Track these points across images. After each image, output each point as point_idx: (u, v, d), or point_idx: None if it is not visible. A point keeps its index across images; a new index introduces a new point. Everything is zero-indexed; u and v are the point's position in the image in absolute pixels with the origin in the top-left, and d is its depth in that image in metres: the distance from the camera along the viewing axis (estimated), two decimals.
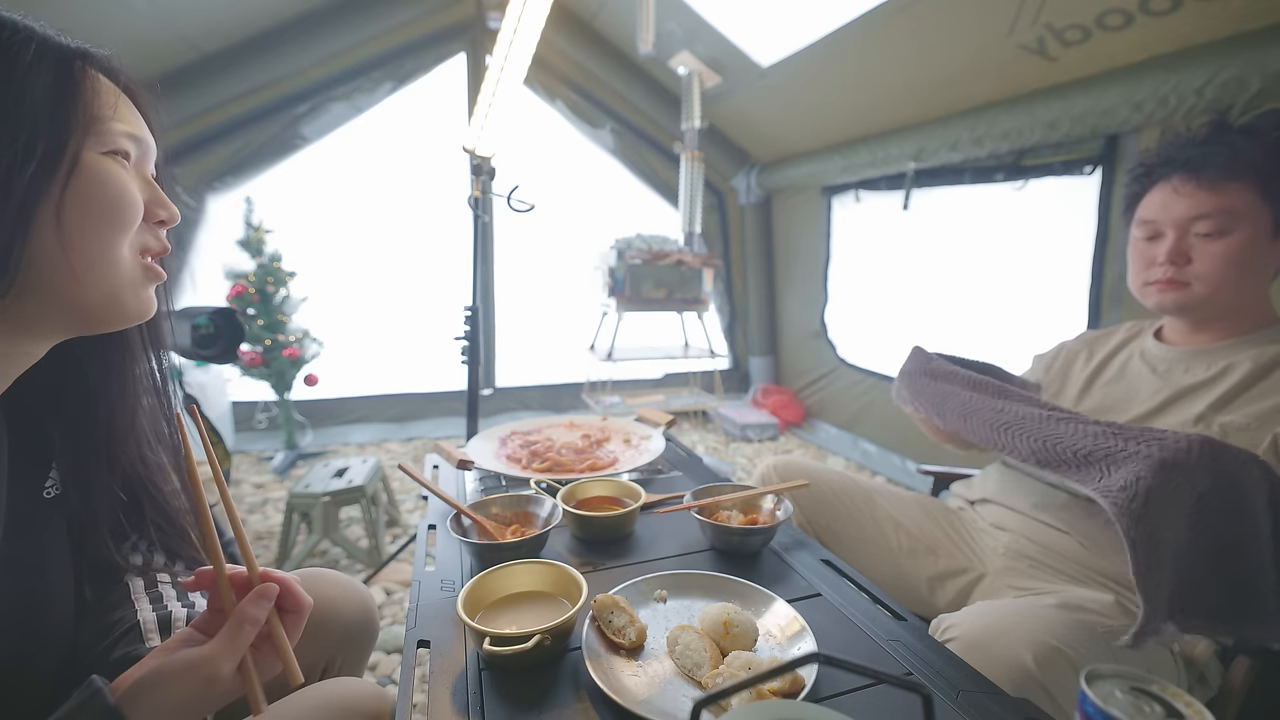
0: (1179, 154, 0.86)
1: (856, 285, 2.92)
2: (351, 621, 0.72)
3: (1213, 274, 0.84)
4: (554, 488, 0.94)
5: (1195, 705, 0.36)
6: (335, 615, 0.71)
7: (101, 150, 0.44)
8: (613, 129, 3.19)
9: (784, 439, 3.17)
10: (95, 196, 0.43)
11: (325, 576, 0.74)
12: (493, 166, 1.50)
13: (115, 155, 0.45)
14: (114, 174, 0.44)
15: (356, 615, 0.73)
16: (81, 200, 0.42)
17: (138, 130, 0.48)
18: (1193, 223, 0.84)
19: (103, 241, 0.44)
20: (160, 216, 0.50)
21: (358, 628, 0.74)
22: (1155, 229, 0.89)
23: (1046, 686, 0.62)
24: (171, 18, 2.10)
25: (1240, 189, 0.80)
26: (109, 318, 0.47)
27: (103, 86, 0.45)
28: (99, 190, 0.43)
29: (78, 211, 0.42)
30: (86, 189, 0.43)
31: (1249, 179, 0.80)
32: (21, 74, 0.41)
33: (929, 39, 1.89)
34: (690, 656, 0.56)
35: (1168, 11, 1.37)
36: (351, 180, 2.84)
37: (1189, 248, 0.85)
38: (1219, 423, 0.80)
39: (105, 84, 0.46)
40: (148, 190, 0.48)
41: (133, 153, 0.47)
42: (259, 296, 2.46)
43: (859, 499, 1.07)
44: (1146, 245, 0.90)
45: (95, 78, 0.45)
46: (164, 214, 0.50)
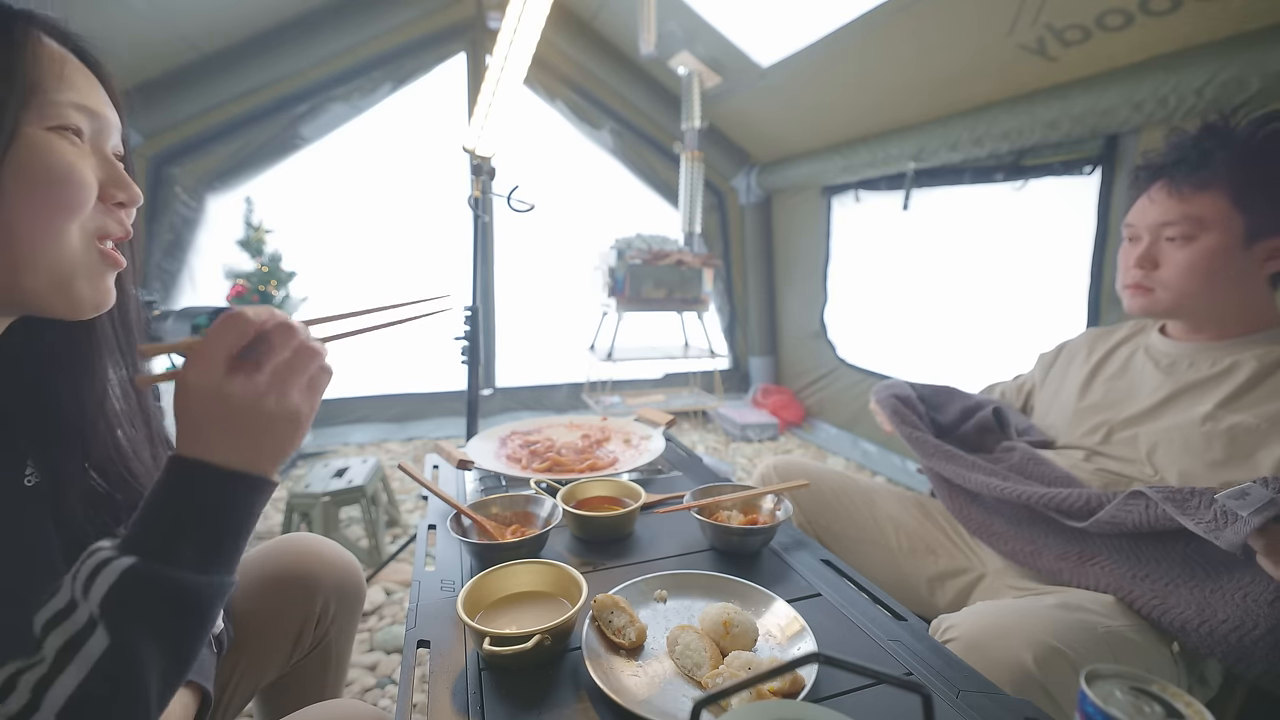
0: (1161, 161, 0.88)
1: (856, 285, 2.92)
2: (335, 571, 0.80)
3: (1174, 280, 0.85)
4: (554, 488, 0.94)
5: (1195, 705, 0.36)
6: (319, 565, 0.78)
7: (46, 125, 0.40)
8: (613, 129, 3.18)
9: (784, 439, 3.17)
10: (36, 176, 0.39)
11: (310, 537, 0.81)
12: (493, 166, 1.50)
13: (64, 130, 0.41)
14: (58, 150, 0.41)
15: (339, 566, 0.80)
16: (20, 179, 0.39)
17: (91, 102, 0.43)
18: (1163, 228, 0.86)
19: (46, 225, 0.40)
20: (119, 198, 0.46)
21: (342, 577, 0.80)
22: (1134, 232, 0.91)
23: (1046, 686, 0.62)
24: (171, 18, 2.09)
25: (1211, 198, 0.81)
26: (62, 307, 0.44)
27: (47, 52, 0.41)
28: (40, 169, 0.40)
29: (17, 191, 0.39)
30: (26, 167, 0.39)
31: (1220, 187, 0.81)
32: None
33: (929, 39, 1.89)
34: (690, 656, 0.56)
35: (1168, 11, 1.37)
36: (351, 180, 2.84)
37: (1158, 253, 0.87)
38: (1228, 422, 0.79)
39: (52, 49, 0.42)
40: (104, 169, 0.45)
41: (85, 128, 0.43)
42: (259, 296, 2.46)
43: (859, 499, 1.07)
44: (1128, 248, 0.92)
45: (39, 41, 0.41)
46: (123, 195, 0.46)
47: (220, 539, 0.40)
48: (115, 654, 0.34)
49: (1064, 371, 1.09)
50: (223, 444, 0.40)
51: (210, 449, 0.39)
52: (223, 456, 0.39)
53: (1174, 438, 0.84)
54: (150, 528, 0.38)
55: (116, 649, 0.34)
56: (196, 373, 0.39)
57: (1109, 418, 0.94)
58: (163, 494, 0.39)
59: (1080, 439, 0.97)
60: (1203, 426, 0.81)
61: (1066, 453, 0.98)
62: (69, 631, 0.35)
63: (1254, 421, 0.78)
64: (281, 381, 0.41)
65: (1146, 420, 0.89)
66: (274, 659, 0.76)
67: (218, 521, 0.39)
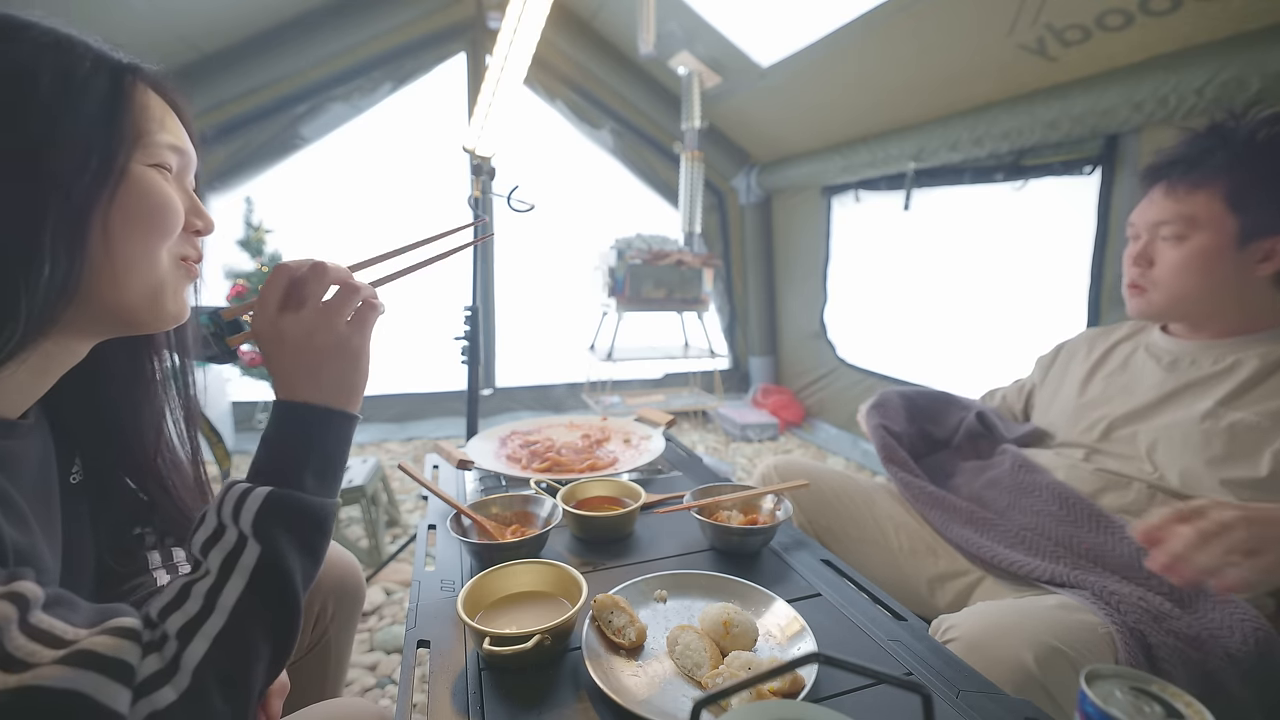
0: (1162, 160, 0.88)
1: (857, 285, 2.92)
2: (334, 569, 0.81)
3: (1166, 279, 0.86)
4: (554, 488, 0.94)
5: (1195, 705, 0.36)
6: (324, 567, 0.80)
7: (147, 162, 0.46)
8: (613, 129, 3.18)
9: (784, 439, 3.17)
10: (139, 206, 0.45)
11: None
12: (493, 166, 1.50)
13: (158, 167, 0.47)
14: (157, 185, 0.46)
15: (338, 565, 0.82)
16: (126, 210, 0.44)
17: (180, 142, 0.49)
18: (1159, 227, 0.86)
19: (144, 248, 0.46)
20: (197, 226, 0.52)
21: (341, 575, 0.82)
22: (1135, 231, 0.92)
23: (1047, 686, 0.62)
24: (171, 18, 2.10)
25: (1205, 197, 0.81)
26: (150, 321, 0.49)
27: (150, 100, 0.47)
28: (143, 200, 0.45)
29: (122, 220, 0.44)
30: (131, 199, 0.44)
31: (1215, 188, 0.81)
32: (78, 88, 0.42)
33: (929, 39, 1.89)
34: (690, 656, 0.56)
35: (1168, 11, 1.37)
36: (351, 180, 2.83)
37: (1154, 252, 0.88)
38: (1229, 420, 0.79)
39: (153, 98, 0.48)
40: (187, 200, 0.50)
41: (174, 164, 0.49)
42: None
43: (859, 499, 1.07)
44: (1131, 247, 0.93)
45: (144, 91, 0.47)
46: (201, 224, 0.52)
47: (325, 466, 0.48)
48: (267, 561, 0.42)
49: (1064, 370, 1.09)
50: (300, 382, 0.48)
51: (294, 389, 0.48)
52: (305, 394, 0.48)
53: (1174, 435, 0.84)
54: (273, 461, 0.47)
55: (267, 557, 0.42)
56: (256, 320, 0.48)
57: (1108, 414, 0.94)
58: (273, 432, 0.48)
59: (1079, 436, 0.97)
60: (1203, 424, 0.81)
61: (1065, 451, 0.98)
62: (226, 548, 0.42)
63: (1255, 419, 0.78)
64: (326, 317, 0.49)
65: (1146, 417, 0.89)
66: None
67: (319, 449, 0.48)
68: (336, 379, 0.49)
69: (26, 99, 0.40)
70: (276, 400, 0.49)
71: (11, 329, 0.40)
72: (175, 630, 0.38)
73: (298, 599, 0.44)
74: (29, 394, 0.46)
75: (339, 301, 0.50)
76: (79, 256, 0.42)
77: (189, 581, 0.41)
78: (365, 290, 0.52)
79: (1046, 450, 1.00)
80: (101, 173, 0.42)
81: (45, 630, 0.34)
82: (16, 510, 0.42)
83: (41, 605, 0.35)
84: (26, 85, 0.40)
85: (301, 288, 0.49)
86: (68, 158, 0.41)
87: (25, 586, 0.35)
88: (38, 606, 0.35)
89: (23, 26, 0.42)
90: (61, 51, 0.42)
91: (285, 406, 0.48)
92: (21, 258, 0.40)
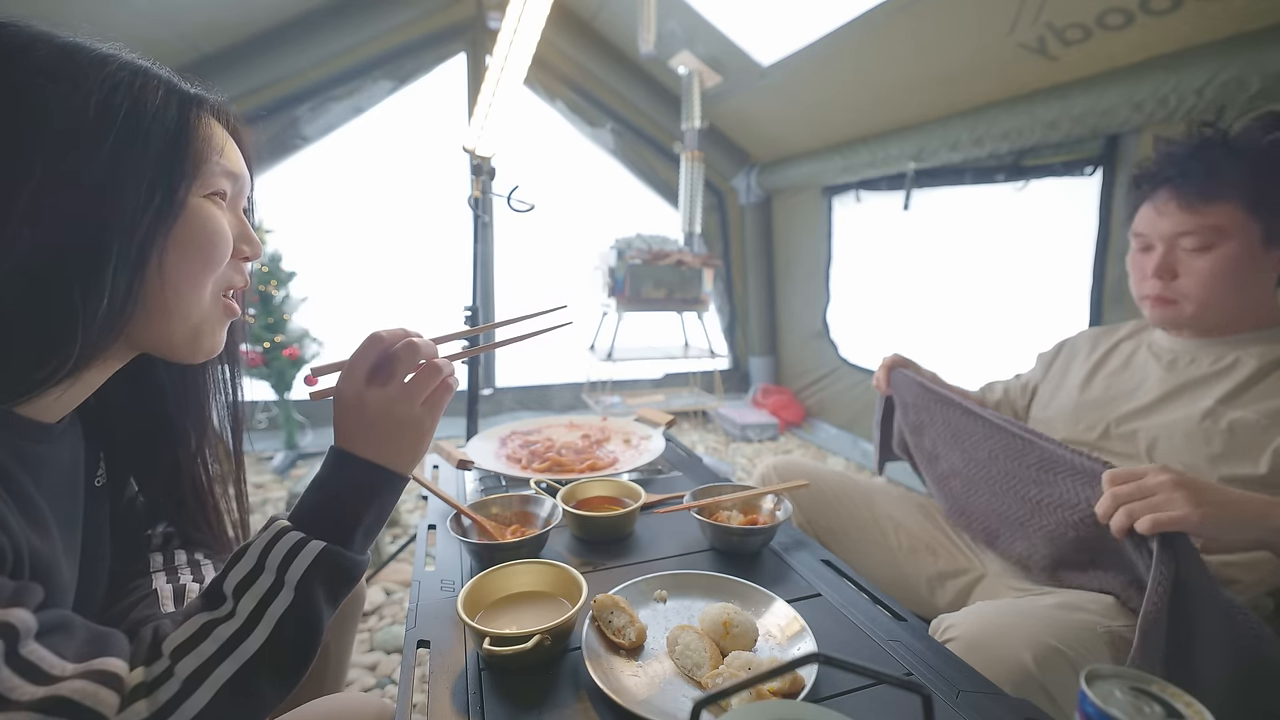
0: (1164, 170, 0.87)
1: (857, 285, 2.92)
2: None
3: (1197, 290, 0.85)
4: (554, 488, 0.94)
5: (1195, 705, 0.36)
6: None
7: (203, 193, 0.46)
8: (613, 129, 3.18)
9: (784, 439, 3.17)
10: (194, 238, 0.45)
11: None
12: (493, 166, 1.50)
13: (213, 195, 0.47)
14: (212, 217, 0.46)
15: None
16: (182, 243, 0.44)
17: (238, 168, 0.50)
18: (1179, 238, 0.85)
19: (194, 279, 0.46)
20: (246, 253, 0.52)
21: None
22: (1146, 241, 0.90)
23: (1046, 686, 0.62)
24: (172, 17, 2.09)
25: (1224, 208, 0.81)
26: (185, 352, 0.50)
27: (214, 131, 0.48)
28: (198, 232, 0.45)
29: (177, 251, 0.44)
30: (187, 231, 0.45)
31: (1232, 197, 0.80)
32: (149, 119, 0.42)
33: (929, 38, 1.89)
34: (690, 656, 0.56)
35: (1168, 11, 1.37)
36: (351, 180, 2.83)
37: (1175, 262, 0.86)
38: (1229, 419, 0.79)
39: (216, 128, 0.48)
40: (238, 226, 0.51)
41: (229, 190, 0.49)
42: (259, 297, 2.46)
43: (859, 499, 1.07)
44: (1142, 257, 0.91)
45: (208, 122, 0.47)
46: (249, 250, 0.52)
47: (375, 525, 0.49)
48: (300, 614, 0.42)
49: (1065, 367, 1.09)
50: (370, 444, 0.48)
51: (362, 447, 0.48)
52: (369, 452, 0.48)
53: (1174, 433, 0.84)
54: (331, 514, 0.47)
55: (300, 610, 0.42)
56: (344, 383, 0.49)
57: (1109, 413, 0.94)
58: (335, 482, 0.48)
59: (1080, 434, 0.97)
60: (1203, 422, 0.81)
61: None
62: (259, 593, 0.42)
63: (1254, 418, 0.78)
64: (408, 394, 0.49)
65: (1146, 415, 0.89)
66: None
67: (376, 508, 0.49)
68: (404, 448, 0.50)
69: (102, 133, 0.40)
70: (341, 451, 0.48)
71: (67, 354, 0.40)
72: (186, 674, 0.38)
73: (315, 650, 0.44)
74: (68, 403, 0.46)
75: (422, 380, 0.50)
76: (138, 289, 0.42)
77: (211, 620, 0.41)
78: (446, 369, 0.52)
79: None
80: (164, 208, 0.43)
81: (33, 664, 0.33)
82: (39, 516, 0.42)
83: (35, 634, 0.34)
84: (105, 121, 0.40)
85: (393, 363, 0.49)
86: (133, 191, 0.41)
87: (18, 616, 0.34)
88: (30, 636, 0.34)
89: (102, 61, 0.42)
90: (136, 85, 0.42)
91: (353, 461, 0.48)
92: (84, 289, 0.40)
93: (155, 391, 0.57)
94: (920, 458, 1.10)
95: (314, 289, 2.63)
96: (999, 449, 0.87)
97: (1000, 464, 0.87)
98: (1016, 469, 0.84)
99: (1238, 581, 0.77)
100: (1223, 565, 0.78)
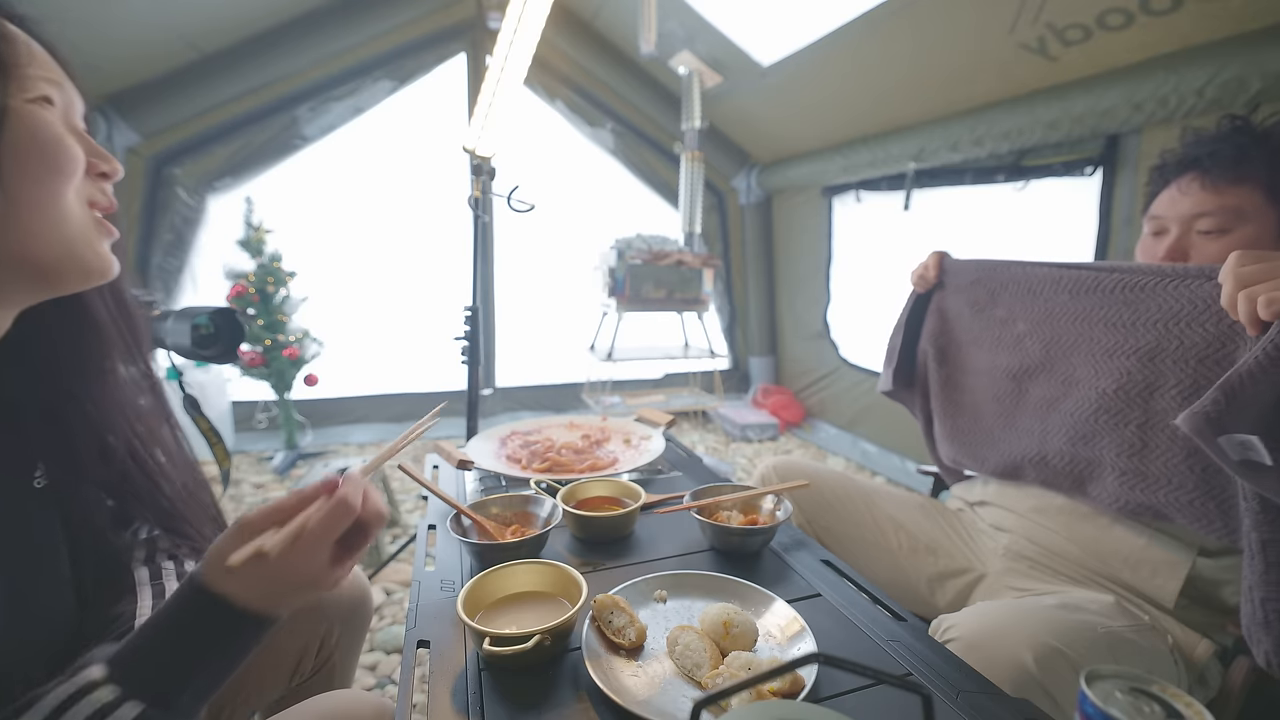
0: (1191, 153, 0.86)
1: (858, 285, 2.92)
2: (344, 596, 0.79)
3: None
4: (554, 488, 0.94)
5: (1195, 706, 0.36)
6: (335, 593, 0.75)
7: (26, 98, 0.42)
8: (613, 129, 3.19)
9: (784, 439, 3.17)
10: (30, 145, 0.41)
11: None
12: (493, 166, 1.50)
13: (39, 101, 0.43)
14: (46, 122, 0.43)
15: (349, 591, 0.80)
16: (16, 149, 0.41)
17: (55, 75, 0.45)
18: (1195, 220, 0.83)
19: (47, 190, 0.42)
20: (102, 168, 0.48)
21: (351, 603, 0.80)
22: (1161, 225, 0.88)
23: (1046, 687, 0.62)
24: (172, 17, 2.09)
25: (1247, 190, 0.80)
26: (69, 274, 0.45)
27: (10, 32, 0.43)
28: (32, 139, 0.42)
29: (15, 163, 0.41)
30: (19, 139, 0.41)
31: (1256, 181, 0.79)
32: None
33: (929, 38, 1.89)
34: (690, 657, 0.56)
35: (1168, 11, 1.37)
36: (351, 180, 2.84)
37: (1189, 245, 0.84)
38: None
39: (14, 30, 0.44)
40: (83, 141, 0.46)
41: (57, 100, 0.45)
42: (259, 296, 2.46)
43: (859, 499, 1.07)
44: (1152, 241, 0.90)
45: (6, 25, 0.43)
46: (106, 166, 0.48)
47: (217, 681, 0.42)
48: None
49: None
50: (257, 594, 0.41)
51: (241, 594, 0.40)
52: (250, 602, 0.41)
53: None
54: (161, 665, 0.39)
55: None
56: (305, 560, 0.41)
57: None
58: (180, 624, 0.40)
59: None
60: None
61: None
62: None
63: None
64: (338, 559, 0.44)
65: None
66: (273, 685, 0.75)
67: (220, 662, 0.41)
68: (295, 600, 0.43)
69: None
70: (204, 585, 0.40)
71: None
72: None
73: None
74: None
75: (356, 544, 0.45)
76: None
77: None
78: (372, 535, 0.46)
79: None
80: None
81: None
82: None
83: None
84: None
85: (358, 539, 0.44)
86: None
87: None
88: None
89: None
90: None
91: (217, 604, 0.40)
92: None
93: (58, 377, 0.51)
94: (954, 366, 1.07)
95: (314, 289, 2.63)
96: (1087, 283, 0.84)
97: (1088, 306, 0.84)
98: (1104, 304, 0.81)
99: (1234, 582, 0.77)
100: (1220, 569, 0.78)
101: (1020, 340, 0.95)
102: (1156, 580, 0.80)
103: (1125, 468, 0.80)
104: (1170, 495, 0.76)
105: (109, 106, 2.18)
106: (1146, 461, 0.78)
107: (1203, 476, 0.72)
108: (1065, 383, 0.88)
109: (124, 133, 2.26)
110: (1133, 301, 0.78)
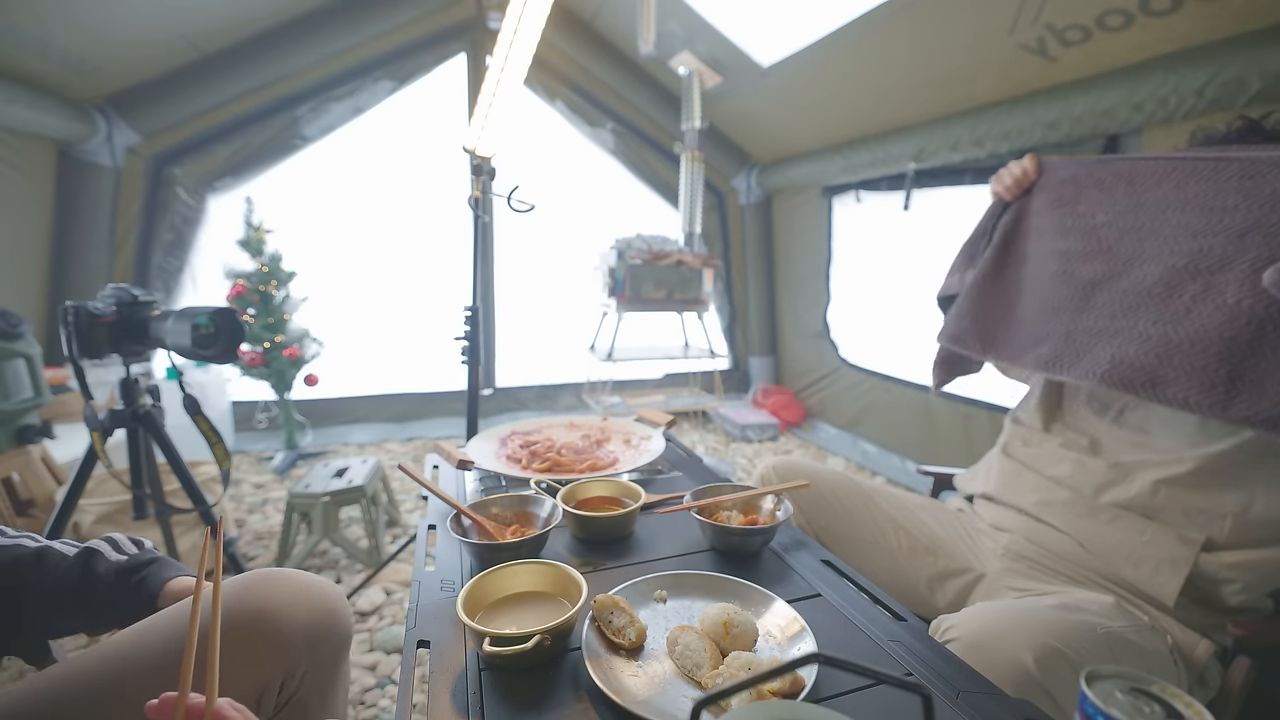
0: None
1: (858, 285, 2.92)
2: (304, 627, 0.61)
3: None
4: (554, 488, 0.94)
5: (1195, 706, 0.36)
6: (283, 621, 0.60)
7: None
8: (613, 129, 3.19)
9: (784, 439, 3.17)
10: None
11: (274, 579, 0.63)
12: (493, 166, 1.50)
13: None
14: None
15: (310, 619, 0.62)
16: None
17: None
18: None
19: None
20: None
21: (315, 632, 0.62)
22: None
23: (1046, 687, 0.62)
24: (172, 17, 2.10)
25: None
26: None
27: None
28: None
29: None
30: None
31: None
32: None
33: (929, 39, 1.89)
34: (690, 657, 0.56)
35: (1168, 11, 1.37)
36: (351, 180, 2.84)
37: None
38: None
39: None
40: None
41: None
42: (259, 296, 2.46)
43: (859, 499, 1.07)
44: None
45: None
46: None
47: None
48: None
49: None
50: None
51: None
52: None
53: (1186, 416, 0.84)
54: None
55: None
56: None
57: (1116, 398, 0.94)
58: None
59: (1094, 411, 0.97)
60: None
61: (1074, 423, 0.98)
62: None
63: None
64: None
65: None
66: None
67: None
68: None
69: None
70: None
71: None
72: None
73: None
74: None
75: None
76: None
77: None
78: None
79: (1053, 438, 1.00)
80: None
81: None
82: None
83: None
84: None
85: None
86: None
87: None
88: None
89: None
90: None
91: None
92: None
93: None
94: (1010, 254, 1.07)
95: (314, 289, 2.63)
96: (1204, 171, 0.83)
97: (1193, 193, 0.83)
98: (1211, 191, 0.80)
99: (1234, 581, 0.77)
100: (1220, 567, 0.78)
101: (1094, 229, 0.94)
102: (1159, 577, 0.80)
103: (1152, 334, 0.81)
104: (1184, 360, 0.76)
105: (109, 106, 2.17)
106: (1179, 328, 0.78)
107: (1229, 345, 0.73)
108: (1126, 263, 0.88)
109: (124, 133, 2.26)
110: (1247, 188, 0.77)
